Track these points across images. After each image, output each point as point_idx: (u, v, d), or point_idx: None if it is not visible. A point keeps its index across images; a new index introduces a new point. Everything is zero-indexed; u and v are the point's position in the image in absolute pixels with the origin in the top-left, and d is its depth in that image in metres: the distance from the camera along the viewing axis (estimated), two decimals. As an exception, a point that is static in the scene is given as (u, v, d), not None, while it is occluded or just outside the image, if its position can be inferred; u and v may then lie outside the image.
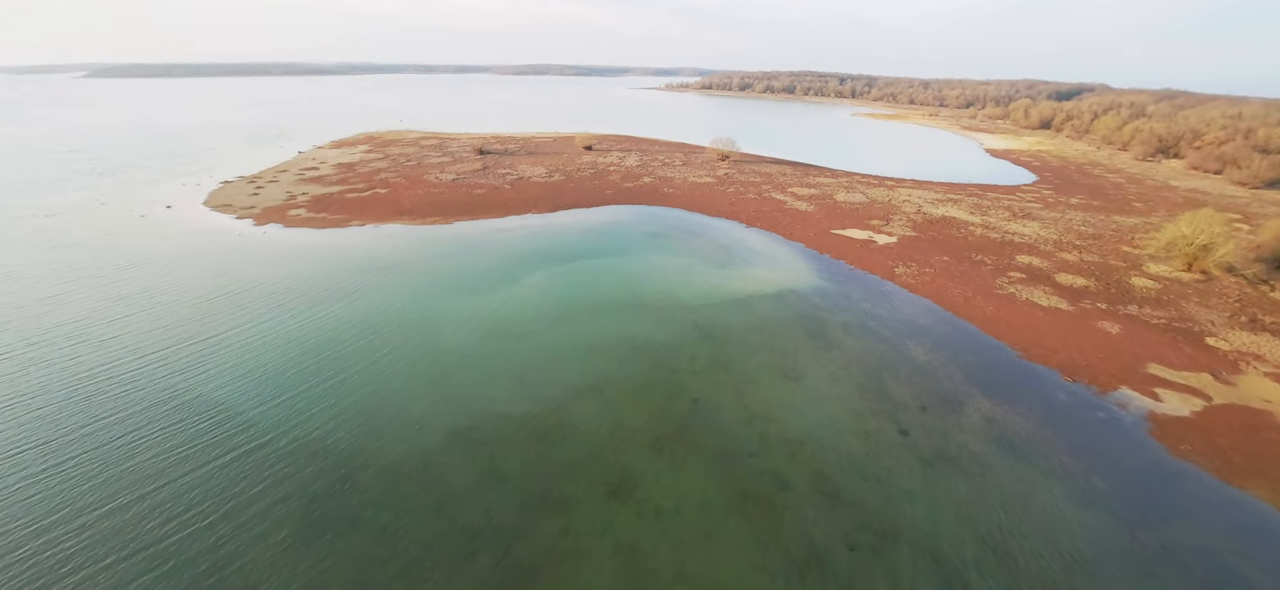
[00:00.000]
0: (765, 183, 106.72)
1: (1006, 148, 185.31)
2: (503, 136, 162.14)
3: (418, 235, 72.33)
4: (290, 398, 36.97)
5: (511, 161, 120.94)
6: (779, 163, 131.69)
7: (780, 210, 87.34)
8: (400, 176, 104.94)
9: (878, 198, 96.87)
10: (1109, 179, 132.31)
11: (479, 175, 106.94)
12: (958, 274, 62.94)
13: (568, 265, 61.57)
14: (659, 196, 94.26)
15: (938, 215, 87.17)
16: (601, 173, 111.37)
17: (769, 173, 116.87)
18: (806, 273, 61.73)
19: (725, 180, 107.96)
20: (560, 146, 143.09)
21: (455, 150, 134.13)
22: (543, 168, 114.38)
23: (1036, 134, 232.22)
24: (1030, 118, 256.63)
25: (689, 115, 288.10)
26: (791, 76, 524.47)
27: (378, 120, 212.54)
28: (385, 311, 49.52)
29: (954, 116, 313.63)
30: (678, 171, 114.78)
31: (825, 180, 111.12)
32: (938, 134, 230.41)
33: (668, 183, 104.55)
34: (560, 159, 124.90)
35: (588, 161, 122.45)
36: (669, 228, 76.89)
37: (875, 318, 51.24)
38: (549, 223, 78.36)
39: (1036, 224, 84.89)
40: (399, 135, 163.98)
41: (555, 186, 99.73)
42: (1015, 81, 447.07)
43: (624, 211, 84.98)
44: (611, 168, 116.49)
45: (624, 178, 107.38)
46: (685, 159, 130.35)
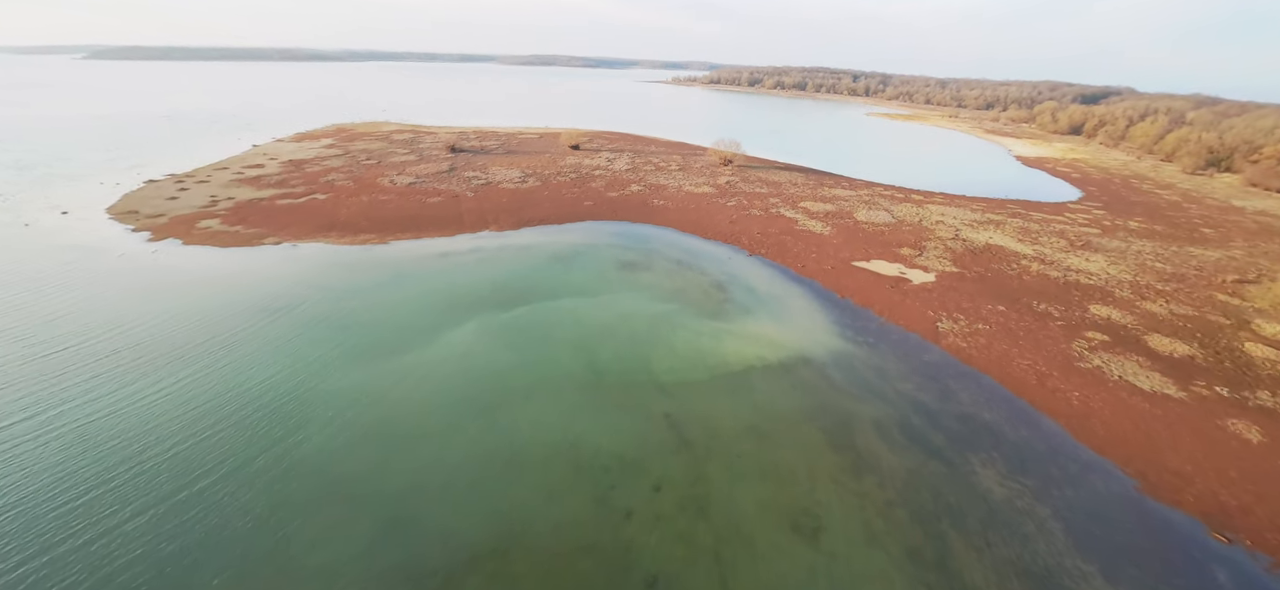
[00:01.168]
0: (773, 195, 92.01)
1: (1038, 155, 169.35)
2: (485, 132, 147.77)
3: (338, 260, 58.31)
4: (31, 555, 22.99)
5: (484, 162, 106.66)
6: (789, 169, 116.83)
7: (790, 232, 72.78)
8: (350, 178, 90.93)
9: (906, 217, 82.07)
10: (1162, 196, 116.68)
11: (441, 178, 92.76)
12: (1021, 334, 48.33)
13: (512, 312, 47.36)
14: (646, 211, 79.81)
15: (980, 242, 72.37)
16: (584, 178, 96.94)
17: (778, 182, 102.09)
18: (824, 329, 47.29)
19: (727, 190, 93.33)
20: (545, 145, 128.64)
21: (426, 147, 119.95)
22: (518, 170, 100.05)
23: (1066, 140, 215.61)
24: (1058, 122, 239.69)
25: (693, 111, 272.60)
26: (803, 72, 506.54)
27: (360, 111, 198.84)
28: (239, 390, 35.53)
29: (975, 118, 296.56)
30: (673, 178, 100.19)
31: (843, 192, 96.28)
32: (960, 137, 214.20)
33: (659, 192, 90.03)
34: (541, 160, 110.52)
35: (571, 164, 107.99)
36: (653, 254, 62.51)
37: (922, 409, 36.84)
38: (506, 244, 64.13)
39: (1101, 257, 69.95)
40: (372, 128, 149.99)
41: (526, 195, 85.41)
42: (1037, 83, 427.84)
43: (601, 230, 70.64)
44: (597, 172, 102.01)
45: (609, 185, 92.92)
46: (683, 162, 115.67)
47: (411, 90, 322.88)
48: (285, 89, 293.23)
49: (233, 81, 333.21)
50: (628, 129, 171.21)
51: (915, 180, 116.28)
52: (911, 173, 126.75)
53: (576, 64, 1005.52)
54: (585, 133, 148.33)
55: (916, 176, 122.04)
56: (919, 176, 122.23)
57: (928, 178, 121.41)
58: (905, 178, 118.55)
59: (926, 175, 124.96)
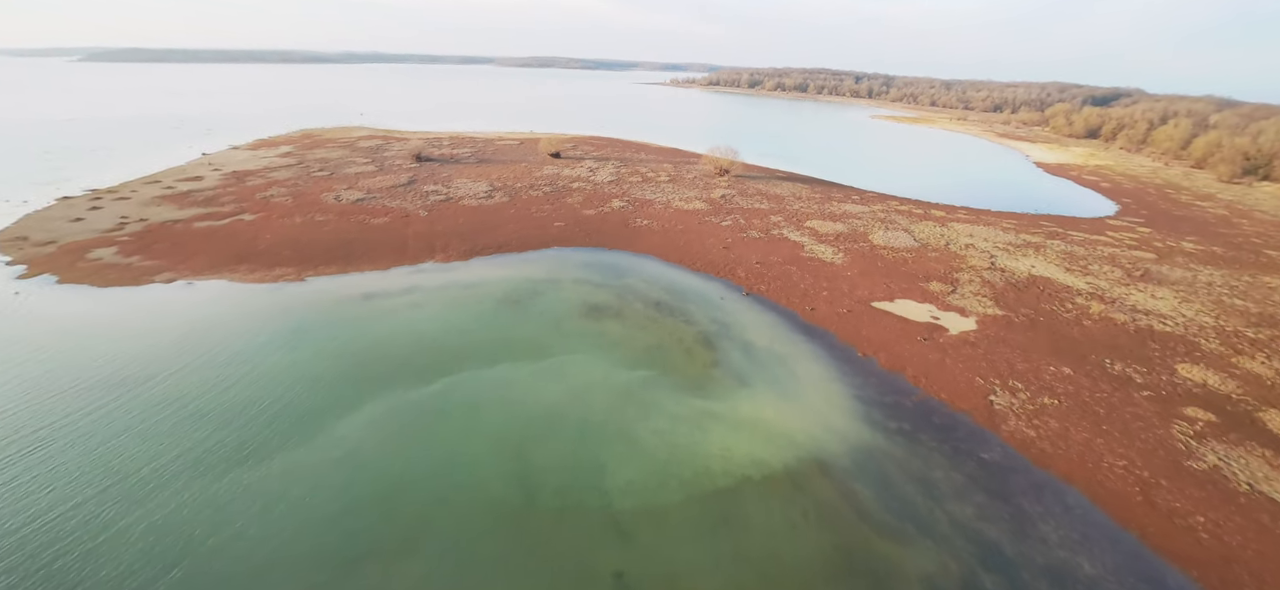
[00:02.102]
0: (775, 211, 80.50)
1: (1060, 162, 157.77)
2: (461, 138, 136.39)
3: (234, 306, 46.87)
4: None
5: (450, 173, 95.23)
6: (792, 179, 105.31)
7: (795, 260, 61.26)
8: (291, 194, 79.57)
9: (929, 239, 70.56)
10: (1206, 210, 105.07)
11: (396, 193, 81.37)
12: (1101, 411, 36.77)
13: (429, 387, 35.86)
14: (627, 233, 68.34)
15: (1022, 273, 60.80)
16: (560, 192, 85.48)
17: (779, 195, 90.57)
18: (844, 407, 35.75)
19: (722, 206, 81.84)
20: (523, 152, 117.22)
21: (390, 155, 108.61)
22: (485, 183, 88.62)
23: (1084, 144, 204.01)
24: (1073, 125, 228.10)
25: (689, 114, 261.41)
26: (804, 73, 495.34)
27: (338, 115, 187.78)
28: (20, 521, 24.12)
29: (984, 121, 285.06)
30: (661, 192, 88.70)
31: (854, 208, 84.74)
32: (972, 142, 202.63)
33: (644, 209, 78.55)
34: (514, 170, 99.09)
35: (548, 174, 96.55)
36: (627, 294, 50.99)
37: (994, 555, 25.25)
38: (449, 282, 52.61)
39: (1168, 293, 58.36)
40: (340, 133, 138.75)
41: (489, 213, 73.98)
42: (1045, 84, 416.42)
43: (569, 261, 59.12)
44: (576, 184, 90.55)
45: (587, 200, 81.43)
46: (674, 172, 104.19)
47: (401, 93, 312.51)
48: (272, 91, 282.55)
49: (221, 83, 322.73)
50: (618, 134, 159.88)
51: (932, 191, 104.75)
52: (926, 183, 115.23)
53: (575, 66, 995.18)
54: (570, 138, 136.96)
55: (932, 187, 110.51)
56: (935, 187, 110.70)
57: (945, 189, 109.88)
58: (920, 189, 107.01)
59: (943, 186, 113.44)
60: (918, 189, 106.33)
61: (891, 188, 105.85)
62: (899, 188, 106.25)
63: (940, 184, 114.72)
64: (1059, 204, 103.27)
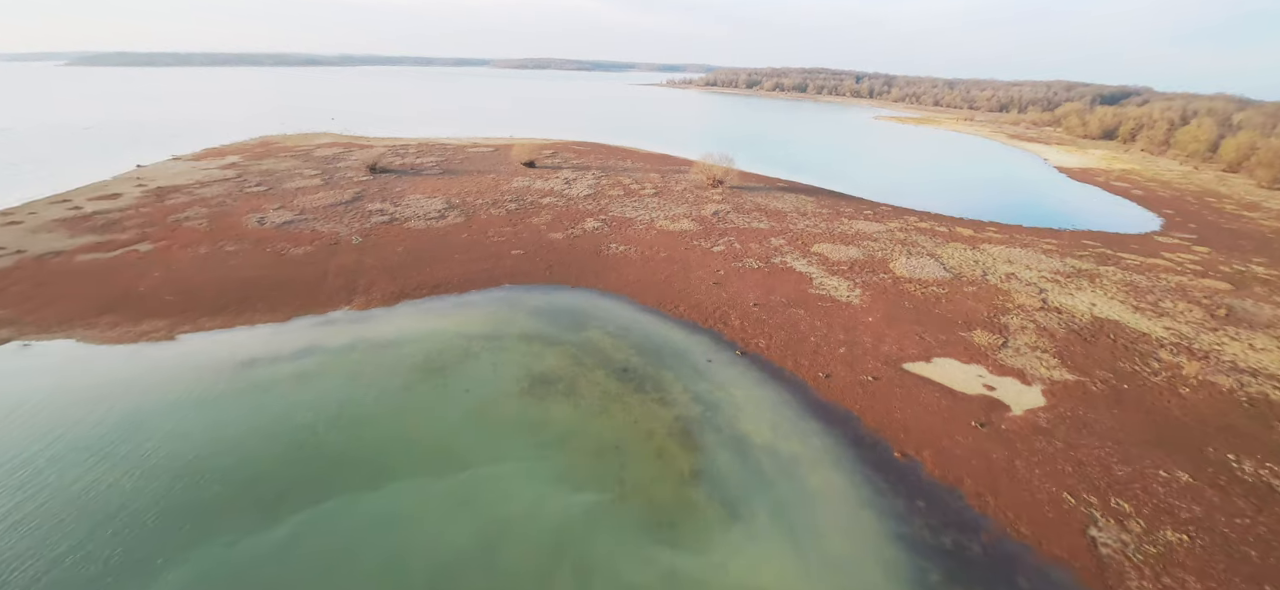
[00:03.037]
0: (776, 231, 68.94)
1: (1082, 166, 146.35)
2: (430, 145, 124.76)
3: (68, 377, 35.30)
4: None
5: (404, 188, 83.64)
6: (795, 189, 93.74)
7: (802, 299, 49.68)
8: (208, 217, 67.98)
9: (961, 265, 59.05)
10: (1259, 222, 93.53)
11: (332, 214, 69.81)
12: (1253, 554, 25.23)
13: (280, 526, 24.25)
14: (597, 265, 56.69)
15: (1082, 314, 49.27)
16: (525, 210, 73.90)
17: (781, 210, 79.01)
18: (882, 563, 24.14)
19: (713, 226, 70.29)
20: (495, 161, 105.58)
21: (344, 166, 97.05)
22: (442, 199, 77.04)
23: (1101, 146, 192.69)
24: (1088, 126, 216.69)
25: (684, 117, 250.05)
26: (803, 73, 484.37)
27: (308, 119, 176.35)
28: None
29: (992, 121, 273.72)
30: (644, 208, 77.14)
31: (868, 226, 73.18)
32: (983, 144, 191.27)
33: (622, 231, 66.99)
34: (479, 183, 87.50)
35: (517, 188, 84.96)
36: (586, 356, 39.36)
37: None
38: (358, 340, 40.93)
39: (1268, 340, 46.78)
40: (301, 141, 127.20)
41: (436, 239, 62.38)
42: (1051, 83, 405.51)
43: (520, 305, 47.47)
44: (546, 199, 78.96)
45: (556, 220, 69.81)
46: (661, 183, 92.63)
47: (386, 96, 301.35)
48: (252, 96, 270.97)
49: (204, 88, 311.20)
50: (605, 138, 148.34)
51: (951, 203, 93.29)
52: (944, 193, 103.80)
53: (571, 67, 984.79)
54: (550, 144, 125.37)
55: (951, 198, 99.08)
56: (954, 198, 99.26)
57: (965, 199, 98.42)
58: (938, 200, 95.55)
59: (962, 196, 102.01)
60: (935, 200, 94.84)
61: (906, 199, 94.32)
62: (915, 199, 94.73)
63: (959, 194, 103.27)
64: (1095, 217, 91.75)
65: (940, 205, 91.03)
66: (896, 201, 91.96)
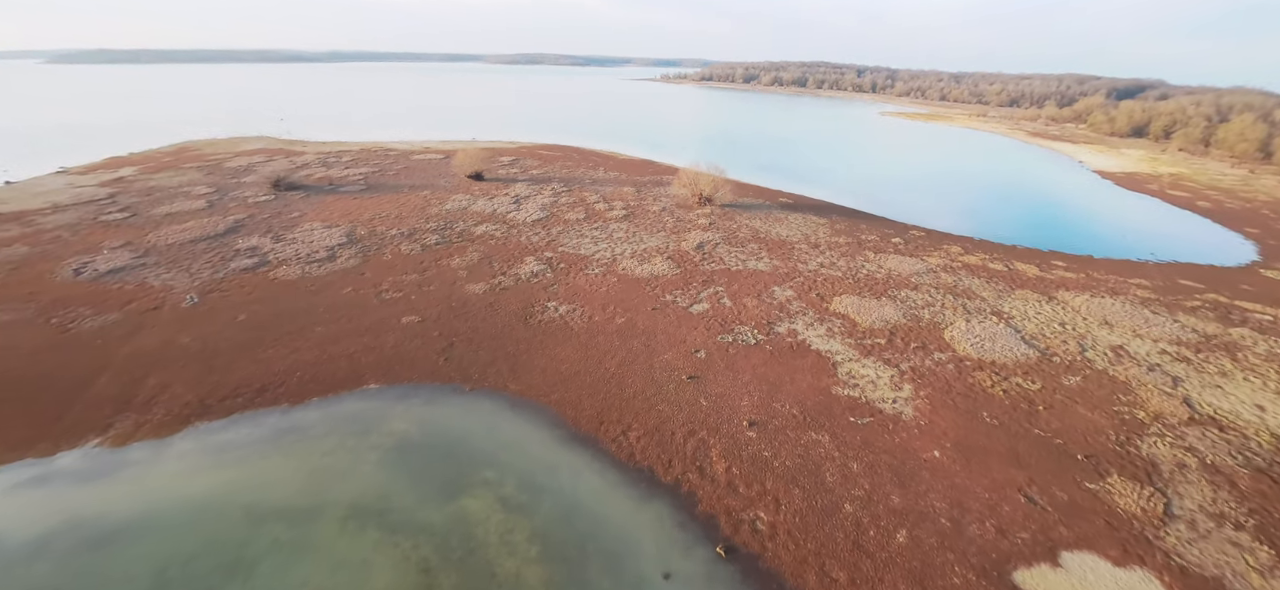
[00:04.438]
0: (780, 274, 51.27)
1: (1124, 170, 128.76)
2: (371, 150, 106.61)
3: None
4: None
5: (306, 211, 65.75)
6: (801, 206, 76.04)
7: (826, 410, 32.09)
8: (12, 264, 50.20)
9: (1043, 331, 41.51)
10: (1368, 242, 76.14)
11: (182, 256, 52.00)
12: None
13: None
14: (518, 344, 38.83)
15: (1255, 430, 31.80)
16: (447, 245, 56.00)
17: (786, 240, 61.32)
18: None
19: (695, 268, 52.55)
20: (436, 172, 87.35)
21: (249, 181, 79.13)
22: (343, 230, 59.12)
23: (1135, 145, 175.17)
24: (1115, 123, 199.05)
25: (676, 114, 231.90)
26: (802, 67, 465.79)
27: (252, 121, 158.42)
28: None
29: (1007, 118, 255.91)
30: (607, 239, 59.37)
31: (900, 261, 55.49)
32: (1004, 143, 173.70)
33: (571, 278, 49.25)
34: (404, 204, 69.61)
35: (448, 211, 67.10)
36: (456, 561, 21.81)
37: None
38: (71, 523, 23.19)
39: None
40: (225, 147, 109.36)
41: (305, 297, 44.46)
42: (1062, 76, 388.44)
43: (377, 429, 29.58)
44: (479, 228, 61.08)
45: (481, 264, 51.84)
46: (636, 200, 74.89)
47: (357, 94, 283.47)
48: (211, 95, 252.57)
49: (168, 86, 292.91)
50: (582, 140, 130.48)
51: (993, 221, 75.93)
52: (978, 206, 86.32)
53: (565, 62, 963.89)
54: (513, 149, 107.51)
55: (990, 213, 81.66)
56: (993, 213, 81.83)
57: (1007, 216, 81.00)
58: (977, 216, 78.13)
59: (1001, 210, 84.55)
60: (973, 218, 77.35)
61: (937, 216, 76.84)
62: (948, 217, 77.24)
63: (998, 209, 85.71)
64: (1172, 241, 74.25)
65: (980, 225, 73.54)
66: (926, 220, 74.41)
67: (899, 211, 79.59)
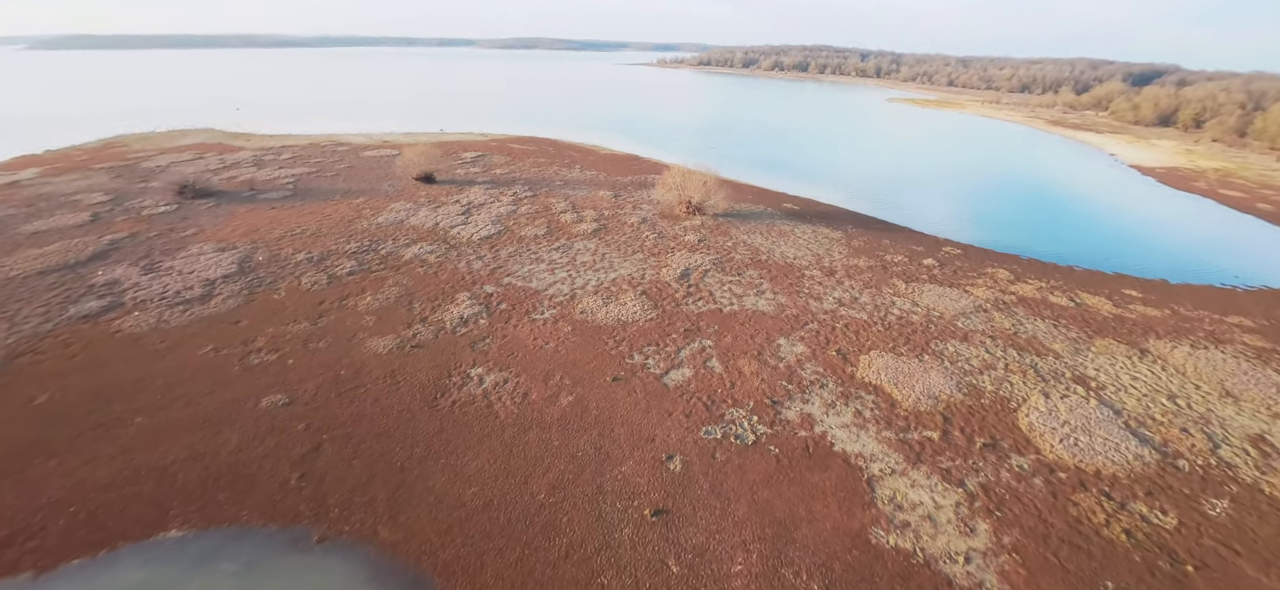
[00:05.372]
0: (788, 320, 39.57)
1: (1162, 164, 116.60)
2: (319, 145, 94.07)
3: None
4: None
5: (204, 226, 53.76)
6: (808, 213, 64.19)
7: (867, 585, 20.77)
8: None
9: (1151, 414, 30.00)
10: None
11: (12, 300, 40.23)
12: None
13: None
14: (412, 447, 27.07)
15: None
16: (360, 278, 44.04)
17: (793, 262, 49.57)
18: None
19: (677, 307, 40.81)
20: (382, 173, 75.03)
21: (152, 187, 67.05)
22: (238, 254, 47.17)
23: (1164, 135, 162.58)
24: (1140, 110, 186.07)
25: (670, 101, 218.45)
26: (804, 51, 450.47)
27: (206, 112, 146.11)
28: None
29: (1022, 104, 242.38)
30: (568, 265, 47.55)
31: (938, 293, 43.75)
32: (1024, 132, 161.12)
33: (510, 325, 37.48)
34: (329, 216, 57.60)
35: (378, 226, 55.11)
36: None
37: None
38: None
39: None
40: (153, 143, 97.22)
41: (141, 365, 32.52)
42: (1073, 61, 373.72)
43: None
44: (410, 250, 49.10)
45: (396, 306, 39.69)
46: (611, 207, 62.97)
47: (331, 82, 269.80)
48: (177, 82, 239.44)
49: (137, 73, 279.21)
50: (562, 131, 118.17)
51: (1033, 231, 64.36)
52: (1011, 209, 74.55)
53: (560, 47, 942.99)
54: (480, 143, 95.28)
55: (1025, 219, 70.02)
56: (1030, 220, 70.17)
57: (1044, 222, 69.40)
58: (1013, 226, 66.45)
59: (1038, 215, 72.84)
60: (1012, 228, 65.61)
61: (970, 225, 65.20)
62: (982, 225, 65.56)
63: (1035, 213, 73.97)
64: (1245, 255, 62.56)
65: (1023, 238, 61.87)
66: (957, 230, 62.68)
67: (923, 219, 67.80)
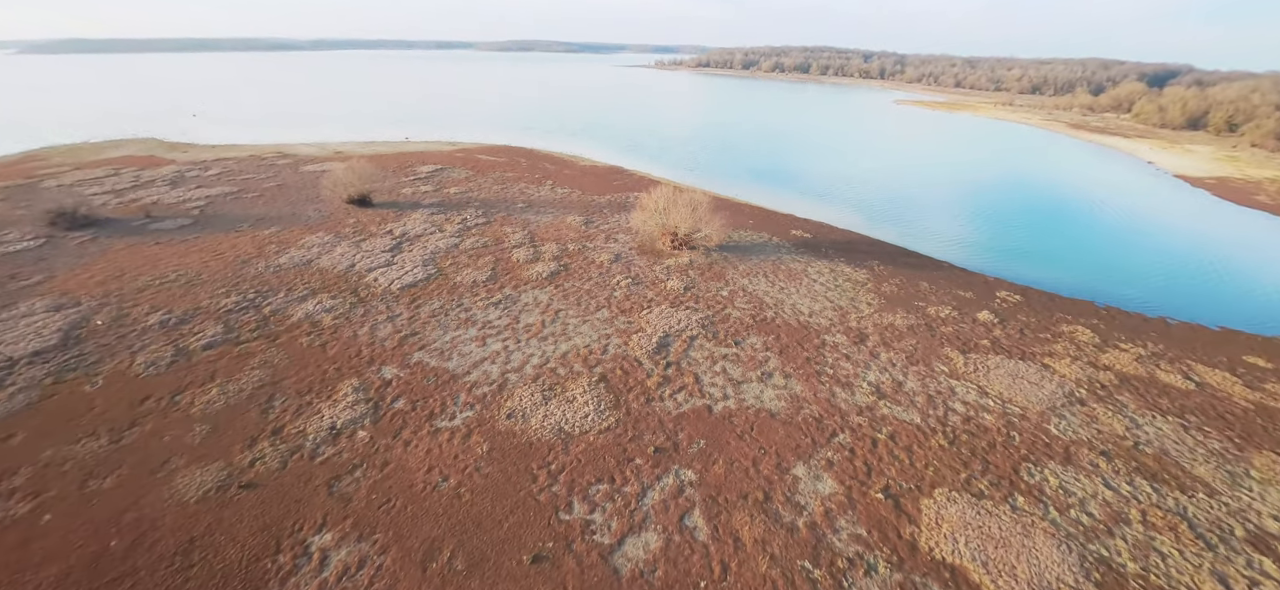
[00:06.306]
0: (806, 429, 27.83)
1: (1208, 173, 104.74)
2: (260, 157, 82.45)
3: None
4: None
5: (64, 265, 42.03)
6: (823, 243, 52.55)
7: None
8: None
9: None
10: None
11: None
12: None
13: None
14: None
15: None
16: (219, 356, 32.14)
17: (811, 324, 37.85)
18: None
19: (645, 411, 29.02)
20: (306, 197, 63.32)
21: (23, 216, 55.47)
22: (74, 314, 35.47)
23: (1196, 139, 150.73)
24: (1167, 113, 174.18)
25: (665, 104, 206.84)
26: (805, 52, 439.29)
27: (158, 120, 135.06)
28: None
29: (1038, 106, 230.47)
30: (502, 335, 35.78)
31: (1015, 380, 31.98)
32: (1046, 138, 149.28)
33: (396, 456, 25.60)
34: (228, 251, 45.87)
35: (283, 266, 43.39)
36: None
37: None
38: None
39: None
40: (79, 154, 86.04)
41: None
42: (1084, 61, 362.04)
43: None
44: (303, 307, 37.36)
45: (233, 417, 27.93)
46: (579, 239, 51.30)
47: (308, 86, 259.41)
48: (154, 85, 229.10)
49: (121, 76, 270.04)
50: (541, 141, 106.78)
51: (1096, 263, 52.68)
52: (1060, 236, 62.79)
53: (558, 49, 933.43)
54: (443, 154, 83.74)
55: (1081, 249, 58.31)
56: (1086, 249, 58.48)
57: (1100, 249, 57.72)
58: (1071, 260, 54.73)
59: (1091, 242, 61.15)
60: (1072, 260, 53.91)
61: (1021, 257, 53.52)
62: (1036, 257, 53.84)
63: (1087, 238, 62.26)
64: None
65: (1083, 272, 50.28)
66: (1004, 264, 51.05)
67: (959, 247, 56.18)
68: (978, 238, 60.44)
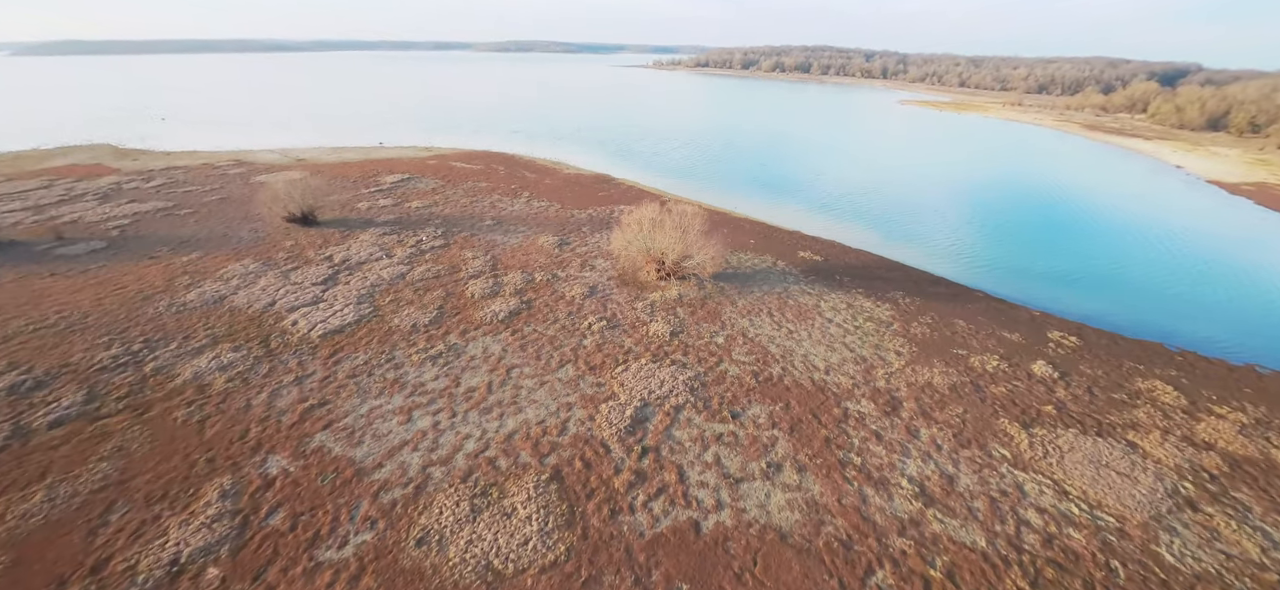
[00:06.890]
0: (833, 562, 20.81)
1: (1243, 178, 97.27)
2: (213, 165, 75.08)
3: None
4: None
5: (-102, 315, 34.90)
6: (834, 267, 45.39)
7: None
8: None
9: None
10: None
11: None
12: None
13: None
14: None
15: None
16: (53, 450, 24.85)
17: (826, 383, 30.59)
18: None
19: (606, 531, 21.91)
20: (242, 215, 56.00)
21: (-85, 233, 48.18)
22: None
23: (1218, 140, 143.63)
24: (1184, 113, 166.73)
25: (662, 105, 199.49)
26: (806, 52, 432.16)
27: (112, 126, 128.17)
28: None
29: (1048, 106, 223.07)
30: (433, 405, 28.46)
31: (1099, 468, 24.82)
32: (1062, 141, 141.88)
33: None
34: (130, 285, 38.60)
35: (188, 304, 36.06)
36: None
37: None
38: None
39: None
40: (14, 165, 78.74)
41: None
42: (1091, 60, 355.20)
43: None
44: (192, 364, 30.01)
45: (48, 542, 21.02)
46: (545, 274, 44.02)
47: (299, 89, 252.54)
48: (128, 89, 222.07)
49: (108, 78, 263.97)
50: (525, 146, 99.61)
51: (1154, 292, 45.49)
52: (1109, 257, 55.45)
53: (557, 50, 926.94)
54: (412, 161, 76.43)
55: (1132, 269, 51.06)
56: (1137, 270, 51.23)
57: (1154, 272, 50.49)
58: (1123, 283, 47.53)
59: (1138, 260, 53.91)
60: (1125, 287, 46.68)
61: (1068, 283, 46.29)
62: (1084, 283, 46.60)
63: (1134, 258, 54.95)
64: None
65: (1142, 304, 43.09)
66: (1046, 290, 43.84)
67: (991, 272, 48.91)
68: (1010, 259, 53.14)
